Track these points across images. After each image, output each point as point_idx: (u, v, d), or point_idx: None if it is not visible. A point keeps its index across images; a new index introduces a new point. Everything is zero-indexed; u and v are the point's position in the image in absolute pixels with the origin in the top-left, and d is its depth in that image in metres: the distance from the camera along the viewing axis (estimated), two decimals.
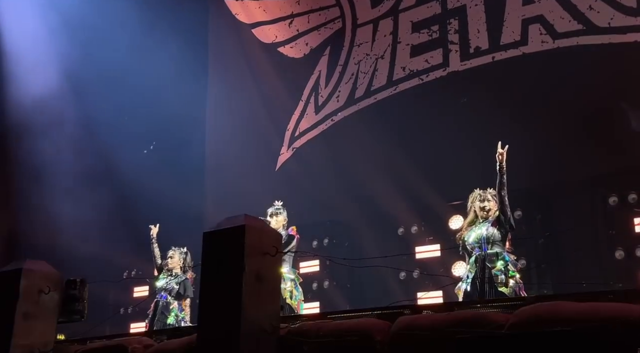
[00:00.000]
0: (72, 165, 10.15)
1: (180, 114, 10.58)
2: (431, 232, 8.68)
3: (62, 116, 10.41)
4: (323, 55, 10.72)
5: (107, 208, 10.15)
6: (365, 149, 9.35)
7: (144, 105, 10.58)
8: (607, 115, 7.77)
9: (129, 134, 10.37)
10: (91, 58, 10.61)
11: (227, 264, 3.58)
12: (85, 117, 10.58)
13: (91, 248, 9.81)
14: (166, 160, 10.33)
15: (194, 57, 11.45)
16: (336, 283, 9.34)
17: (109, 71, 10.70)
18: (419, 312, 3.58)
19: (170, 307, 6.67)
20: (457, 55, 9.26)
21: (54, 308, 4.40)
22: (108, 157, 10.35)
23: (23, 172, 10.35)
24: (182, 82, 10.92)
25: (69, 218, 9.84)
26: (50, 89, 10.30)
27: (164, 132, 10.62)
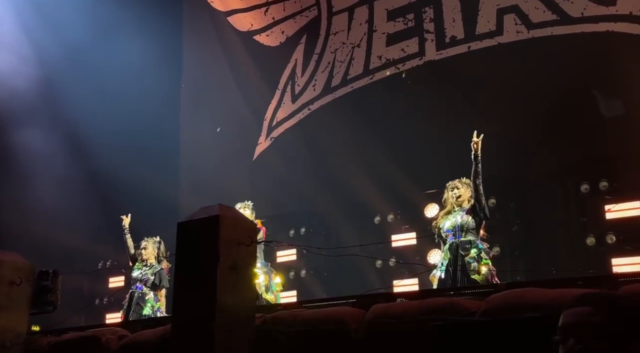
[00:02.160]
0: (44, 154, 9.99)
1: (154, 102, 10.47)
2: (407, 221, 8.75)
3: (33, 104, 10.22)
4: (299, 43, 10.68)
5: (81, 197, 10.03)
6: (342, 138, 9.37)
7: (118, 93, 10.44)
8: (579, 104, 7.88)
9: (103, 121, 10.21)
10: (63, 44, 10.41)
11: (201, 254, 3.56)
12: (57, 104, 10.41)
13: (65, 239, 9.70)
14: (140, 148, 10.22)
15: (169, 45, 11.32)
16: (313, 272, 9.38)
17: (80, 57, 10.53)
18: (393, 300, 3.61)
19: (146, 297, 6.62)
20: (433, 44, 9.29)
21: (26, 300, 4.34)
22: (81, 145, 10.21)
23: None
24: (157, 69, 10.79)
25: (42, 208, 9.71)
26: (20, 76, 10.10)
27: (138, 120, 10.49)
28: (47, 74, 10.41)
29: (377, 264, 8.42)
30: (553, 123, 7.93)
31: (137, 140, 10.21)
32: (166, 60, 11.08)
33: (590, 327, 1.69)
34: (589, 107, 7.83)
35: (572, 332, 1.72)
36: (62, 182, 9.93)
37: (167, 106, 11.13)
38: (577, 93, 7.88)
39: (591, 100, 7.84)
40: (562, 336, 1.74)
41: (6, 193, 9.93)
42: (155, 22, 10.88)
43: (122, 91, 10.34)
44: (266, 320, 3.68)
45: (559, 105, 7.94)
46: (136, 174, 9.60)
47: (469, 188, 5.39)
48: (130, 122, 10.30)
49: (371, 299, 3.73)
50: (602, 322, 1.67)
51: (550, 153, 7.95)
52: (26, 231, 9.50)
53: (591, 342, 1.67)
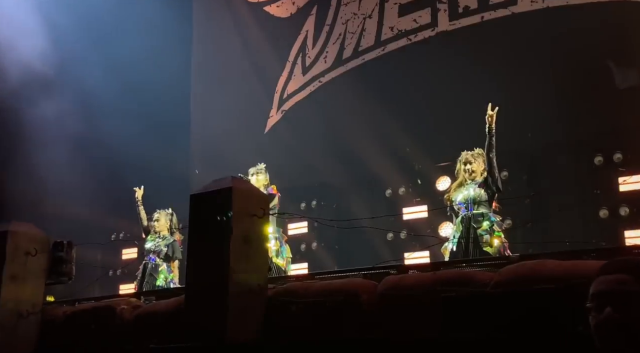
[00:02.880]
0: (58, 128, 10.04)
1: (165, 74, 10.43)
2: (418, 193, 8.73)
3: (46, 79, 10.25)
4: (310, 14, 10.55)
5: (94, 170, 10.10)
6: (353, 110, 9.31)
7: (128, 66, 10.41)
8: (593, 75, 7.76)
9: (114, 95, 10.22)
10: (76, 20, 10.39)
11: (214, 226, 3.58)
12: (71, 79, 10.43)
13: (79, 211, 9.80)
14: (151, 121, 10.23)
15: (178, 17, 11.23)
16: (324, 244, 9.42)
17: (93, 33, 10.50)
18: (405, 271, 3.62)
19: (159, 269, 6.69)
20: (446, 15, 9.15)
21: (42, 270, 4.41)
22: (93, 119, 10.24)
23: (8, 134, 10.24)
24: (166, 42, 10.74)
25: (55, 180, 9.79)
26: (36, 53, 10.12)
27: (149, 93, 10.48)
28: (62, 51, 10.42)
29: (388, 237, 8.44)
30: (566, 94, 7.83)
31: (149, 113, 10.22)
32: (176, 32, 11.01)
33: (627, 294, 1.64)
34: (603, 78, 7.71)
35: (607, 300, 1.67)
36: (76, 155, 9.99)
37: (178, 79, 11.09)
38: (591, 64, 7.75)
39: (606, 71, 7.71)
40: (596, 304, 1.70)
41: (21, 166, 10.02)
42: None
43: (133, 65, 10.32)
44: (278, 291, 3.71)
45: (572, 76, 7.84)
46: (148, 147, 9.64)
47: (482, 161, 5.35)
48: (141, 96, 10.31)
49: (383, 271, 3.75)
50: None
51: (563, 125, 7.87)
52: (40, 203, 9.60)
53: (631, 310, 1.62)
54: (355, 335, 3.39)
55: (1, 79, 10.05)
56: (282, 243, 6.35)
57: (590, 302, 1.72)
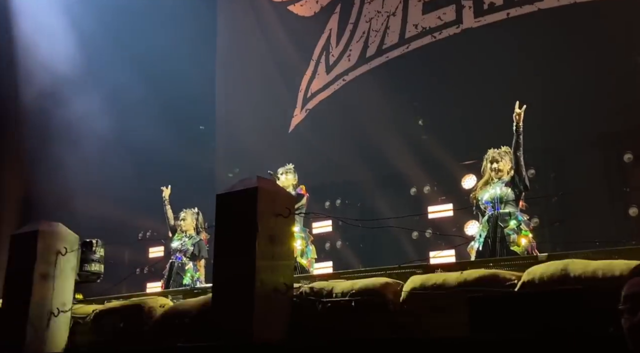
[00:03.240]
0: (85, 127, 10.19)
1: (189, 75, 10.52)
2: (443, 192, 8.68)
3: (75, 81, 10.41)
4: (334, 13, 10.55)
5: (121, 169, 10.22)
6: (377, 108, 9.29)
7: (153, 66, 10.54)
8: (622, 71, 7.62)
9: (140, 95, 10.35)
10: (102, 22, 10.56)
11: (240, 226, 3.61)
12: (98, 80, 10.59)
13: (106, 210, 9.93)
14: (177, 121, 10.34)
15: (202, 17, 11.32)
16: (348, 243, 9.41)
17: (118, 33, 10.64)
18: (431, 271, 3.60)
19: (186, 267, 6.74)
20: (470, 12, 9.07)
21: (71, 269, 4.48)
22: (120, 118, 10.38)
23: (38, 135, 10.43)
24: (191, 42, 10.84)
25: (84, 179, 9.94)
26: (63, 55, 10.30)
27: (175, 93, 10.59)
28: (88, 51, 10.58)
29: (413, 235, 8.40)
30: (595, 91, 7.71)
31: (174, 113, 10.33)
32: (201, 32, 11.10)
33: None
34: (632, 74, 7.57)
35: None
36: (103, 154, 10.14)
37: (203, 79, 11.18)
38: (620, 59, 7.62)
39: (635, 67, 7.57)
40: (630, 306, 1.66)
41: (50, 166, 10.19)
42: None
43: (159, 65, 10.44)
44: (304, 290, 3.71)
45: (601, 72, 7.71)
46: (174, 146, 9.74)
47: (509, 160, 5.28)
48: (167, 97, 10.42)
49: (409, 270, 3.73)
50: None
51: (591, 122, 7.75)
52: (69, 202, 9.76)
53: None
54: (381, 334, 3.39)
55: (30, 80, 10.25)
56: (308, 243, 6.35)
57: (623, 304, 1.68)
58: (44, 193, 10.10)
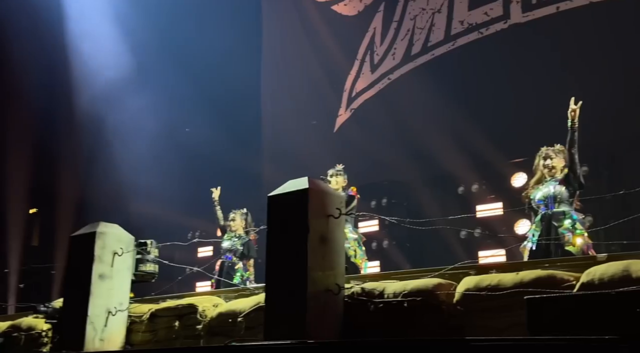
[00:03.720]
0: (137, 129, 10.45)
1: (236, 76, 10.67)
2: (492, 190, 8.55)
3: (127, 85, 10.68)
4: (377, 11, 10.51)
5: (171, 171, 10.43)
6: (423, 106, 9.21)
7: (201, 68, 10.72)
8: None
9: (189, 96, 10.56)
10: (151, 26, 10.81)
11: (291, 227, 3.64)
12: (148, 83, 10.84)
13: (157, 210, 10.15)
14: (224, 123, 10.48)
15: (248, 19, 11.45)
16: (395, 242, 9.37)
17: (167, 37, 10.87)
18: (485, 272, 3.55)
19: (236, 267, 6.85)
20: (518, 7, 8.91)
21: (127, 269, 4.59)
22: (170, 120, 10.60)
23: (92, 138, 10.75)
24: (236, 43, 10.97)
25: (136, 181, 10.19)
26: (114, 58, 10.59)
27: (221, 96, 10.75)
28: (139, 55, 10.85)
29: (462, 235, 8.30)
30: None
31: (221, 115, 10.49)
32: (246, 34, 11.23)
33: None
34: None
35: None
36: (154, 156, 10.37)
37: (248, 80, 11.32)
38: None
39: None
40: None
41: (105, 169, 10.48)
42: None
43: (206, 67, 10.62)
44: (356, 290, 3.72)
45: None
46: (222, 147, 9.88)
47: (562, 158, 5.15)
48: (214, 98, 10.58)
49: (461, 271, 3.69)
50: None
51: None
52: (123, 203, 10.02)
53: None
54: (434, 336, 3.37)
55: (84, 85, 10.56)
56: (360, 244, 6.36)
57: None
58: (99, 194, 10.39)
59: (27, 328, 5.25)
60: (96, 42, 10.63)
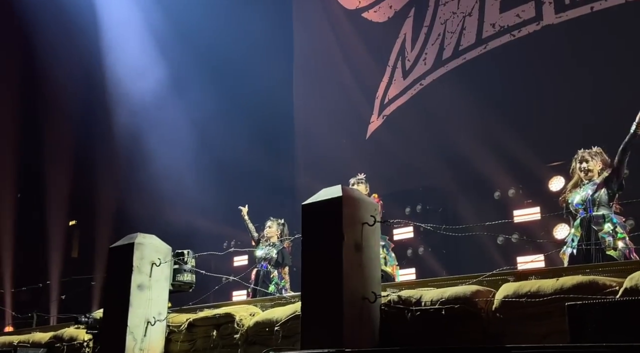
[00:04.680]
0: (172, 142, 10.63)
1: (268, 86, 10.77)
2: (530, 195, 8.41)
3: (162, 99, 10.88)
4: (407, 17, 10.49)
5: (206, 181, 10.56)
6: (456, 111, 9.14)
7: (234, 80, 10.85)
8: None
9: (223, 108, 10.69)
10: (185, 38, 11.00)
11: (326, 235, 3.63)
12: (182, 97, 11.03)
13: (192, 220, 10.27)
14: (257, 133, 10.58)
15: (279, 29, 11.55)
16: (431, 249, 9.28)
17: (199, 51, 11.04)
18: (524, 278, 3.48)
19: (271, 276, 6.88)
20: (551, 8, 8.78)
21: (165, 279, 4.65)
22: (204, 132, 10.74)
23: (130, 151, 10.95)
24: (268, 54, 11.10)
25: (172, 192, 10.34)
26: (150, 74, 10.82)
27: (253, 105, 10.86)
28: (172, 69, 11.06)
29: (499, 241, 8.18)
30: None
31: (255, 125, 10.59)
32: (278, 43, 11.33)
33: None
34: None
35: None
36: (189, 168, 10.51)
37: (281, 89, 11.42)
38: None
39: None
40: None
41: (142, 181, 10.67)
42: (266, 7, 11.15)
43: (239, 78, 10.76)
44: (392, 298, 3.69)
45: None
46: (256, 158, 9.97)
47: (599, 160, 5.05)
48: (248, 109, 10.70)
49: (500, 277, 3.63)
50: None
51: None
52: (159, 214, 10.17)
53: None
54: (473, 344, 3.32)
55: (122, 99, 10.79)
56: (389, 250, 6.31)
57: None
58: (137, 205, 10.57)
59: (69, 338, 5.35)
60: (132, 55, 10.87)
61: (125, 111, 10.87)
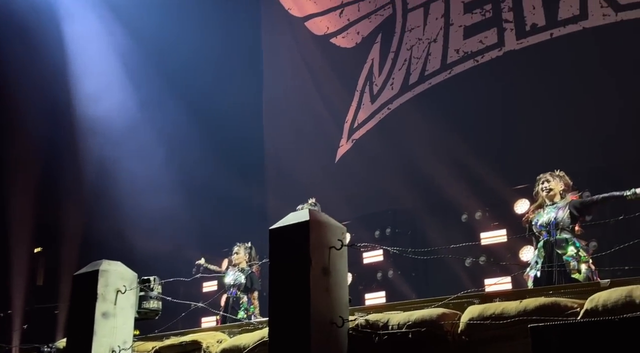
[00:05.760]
0: (139, 166, 10.51)
1: (237, 111, 10.78)
2: (496, 217, 8.53)
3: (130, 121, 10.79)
4: (375, 42, 10.66)
5: (175, 206, 10.45)
6: (424, 135, 9.27)
7: (203, 103, 10.84)
8: None
9: (192, 132, 10.65)
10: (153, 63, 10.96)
11: (293, 259, 3.63)
12: (149, 119, 10.95)
13: (161, 245, 10.14)
14: (227, 157, 10.55)
15: (248, 53, 11.63)
16: (400, 272, 9.32)
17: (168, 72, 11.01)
18: (490, 300, 3.53)
19: (240, 302, 6.82)
20: (512, 34, 9.03)
21: (131, 307, 4.57)
22: (171, 155, 10.67)
23: (96, 176, 10.79)
24: (237, 79, 11.12)
25: (139, 217, 10.20)
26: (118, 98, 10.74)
27: (223, 129, 10.84)
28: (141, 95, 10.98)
29: (467, 263, 8.26)
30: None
31: (225, 149, 10.57)
32: (247, 68, 11.40)
33: None
34: None
35: None
36: (158, 193, 10.39)
37: (251, 113, 11.44)
38: None
39: None
40: None
41: (107, 207, 10.51)
42: (236, 34, 11.21)
43: (208, 104, 10.74)
44: (359, 322, 3.70)
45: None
46: (225, 182, 9.92)
47: (560, 181, 5.18)
48: (216, 132, 10.67)
49: (466, 300, 3.67)
50: None
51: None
52: (125, 240, 10.01)
53: None
54: None
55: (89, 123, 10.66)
56: None
57: None
58: (104, 232, 10.40)
59: None
60: (98, 78, 10.77)
61: (92, 135, 10.74)
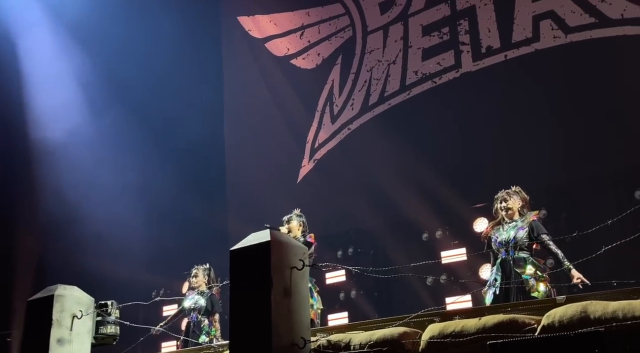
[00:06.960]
0: (96, 188, 10.30)
1: (198, 132, 10.70)
2: (456, 236, 8.64)
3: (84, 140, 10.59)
4: (335, 64, 10.78)
5: (132, 227, 10.26)
6: (384, 155, 9.36)
7: (162, 123, 10.73)
8: (628, 108, 7.68)
9: (149, 155, 10.50)
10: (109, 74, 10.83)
11: (254, 280, 3.60)
12: (106, 138, 10.77)
13: (119, 269, 9.92)
14: (187, 178, 10.44)
15: (209, 75, 11.58)
16: (363, 292, 9.33)
17: (126, 92, 10.88)
18: (449, 318, 3.57)
19: (201, 325, 6.70)
20: (469, 56, 9.25)
21: (87, 332, 4.44)
22: (132, 179, 10.48)
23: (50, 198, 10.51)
24: (198, 100, 11.06)
25: (97, 241, 9.97)
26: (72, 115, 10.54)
27: (184, 151, 10.74)
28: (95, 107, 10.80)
29: (428, 282, 8.33)
30: (601, 129, 7.75)
31: (184, 169, 10.45)
32: (208, 90, 11.34)
33: None
34: (637, 110, 7.62)
35: None
36: (114, 214, 10.19)
37: (212, 135, 11.36)
38: (626, 96, 7.68)
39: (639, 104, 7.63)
40: None
41: (62, 229, 10.24)
42: (196, 55, 11.18)
43: (168, 122, 10.64)
44: (321, 343, 3.68)
45: (606, 110, 7.77)
46: (185, 202, 9.81)
47: (518, 198, 5.30)
48: (177, 153, 10.56)
49: (426, 318, 3.70)
50: None
51: (600, 159, 7.76)
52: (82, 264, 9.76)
53: None
54: None
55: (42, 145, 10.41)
56: (313, 293, 6.24)
57: None
58: (59, 256, 10.12)
59: None
60: (53, 96, 10.55)
61: (46, 158, 10.49)
